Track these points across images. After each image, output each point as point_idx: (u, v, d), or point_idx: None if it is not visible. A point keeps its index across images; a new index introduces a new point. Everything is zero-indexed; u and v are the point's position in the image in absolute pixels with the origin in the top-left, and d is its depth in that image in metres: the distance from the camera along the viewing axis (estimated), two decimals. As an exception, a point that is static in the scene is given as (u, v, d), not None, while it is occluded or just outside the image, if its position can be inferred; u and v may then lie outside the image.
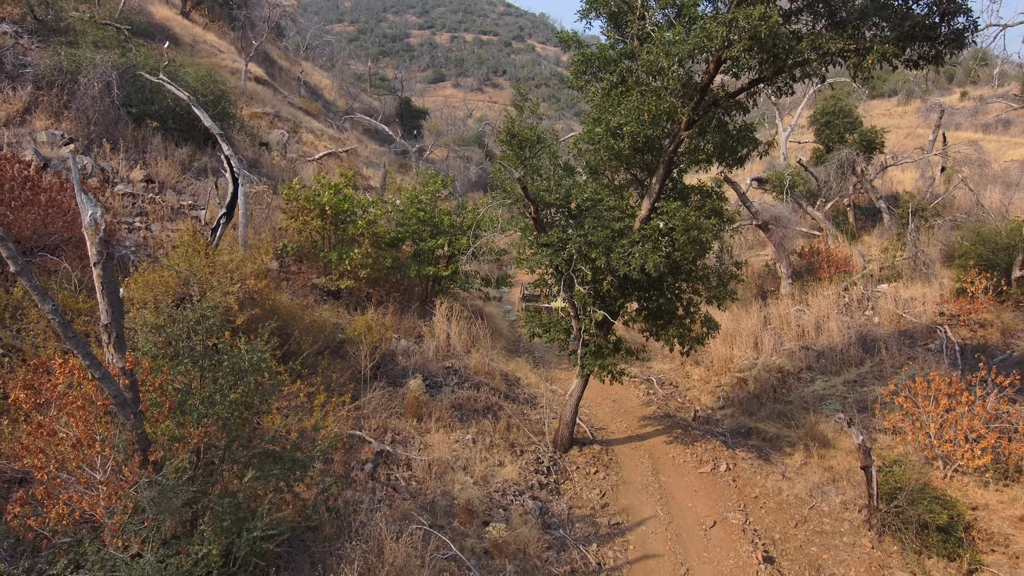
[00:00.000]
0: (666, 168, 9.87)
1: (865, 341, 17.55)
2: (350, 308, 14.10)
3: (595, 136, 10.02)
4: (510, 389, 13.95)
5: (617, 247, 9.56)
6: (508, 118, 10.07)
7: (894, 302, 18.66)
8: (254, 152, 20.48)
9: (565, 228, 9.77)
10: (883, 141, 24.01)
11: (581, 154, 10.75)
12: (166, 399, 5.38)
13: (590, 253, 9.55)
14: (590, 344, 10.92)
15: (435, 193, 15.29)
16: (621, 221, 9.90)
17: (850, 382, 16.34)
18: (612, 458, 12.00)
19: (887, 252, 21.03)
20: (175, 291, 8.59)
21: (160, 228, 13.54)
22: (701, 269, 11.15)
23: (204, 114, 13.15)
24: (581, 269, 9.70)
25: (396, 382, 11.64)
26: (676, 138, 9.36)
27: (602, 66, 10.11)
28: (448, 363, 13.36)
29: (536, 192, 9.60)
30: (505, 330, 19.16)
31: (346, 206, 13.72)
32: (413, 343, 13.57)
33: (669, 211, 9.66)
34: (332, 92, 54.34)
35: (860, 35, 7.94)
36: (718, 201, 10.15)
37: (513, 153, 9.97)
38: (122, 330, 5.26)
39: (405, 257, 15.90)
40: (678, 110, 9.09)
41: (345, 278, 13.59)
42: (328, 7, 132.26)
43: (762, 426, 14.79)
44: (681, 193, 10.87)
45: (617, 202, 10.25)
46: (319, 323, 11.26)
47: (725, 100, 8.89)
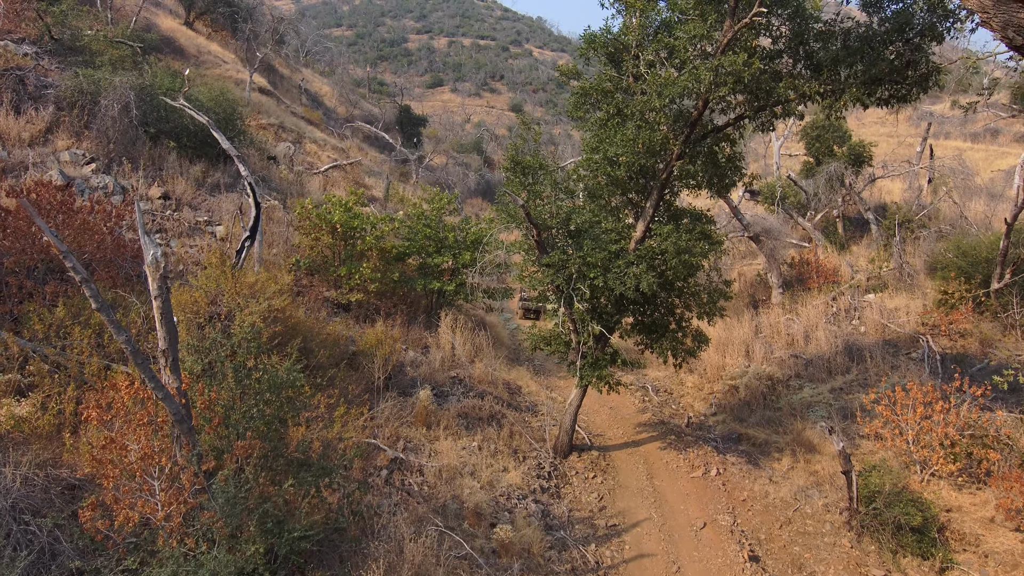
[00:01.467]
0: (659, 193, 10.62)
1: (851, 350, 18.32)
2: (360, 320, 14.80)
3: (594, 163, 10.76)
4: (512, 397, 14.67)
5: (614, 267, 10.30)
6: (512, 145, 10.81)
7: (879, 312, 19.44)
8: (263, 166, 21.19)
9: (565, 249, 10.50)
10: (871, 155, 24.81)
11: (580, 179, 11.50)
12: (215, 415, 6.08)
13: (588, 273, 10.27)
14: (588, 356, 11.64)
15: (440, 210, 16.01)
16: (618, 243, 10.63)
17: (836, 389, 17.10)
18: (609, 463, 12.73)
19: (874, 263, 21.82)
20: (205, 310, 9.29)
21: (179, 244, 14.23)
22: (692, 286, 11.90)
23: (222, 137, 13.84)
24: (580, 288, 10.42)
25: (406, 392, 12.35)
26: (669, 166, 10.11)
27: (600, 98, 10.85)
28: (454, 373, 14.07)
29: (538, 216, 10.33)
30: (506, 339, 19.88)
31: (356, 223, 14.43)
32: (420, 354, 14.28)
33: (662, 234, 10.40)
34: (333, 99, 55.02)
35: (835, 77, 8.70)
36: (707, 225, 10.88)
37: (516, 179, 10.70)
38: (177, 354, 5.96)
39: (412, 270, 16.62)
40: (670, 141, 9.83)
41: (355, 292, 14.30)
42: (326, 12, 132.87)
43: (752, 432, 15.54)
44: (673, 215, 11.61)
45: (614, 224, 10.99)
46: (333, 336, 11.97)
47: (713, 133, 9.65)
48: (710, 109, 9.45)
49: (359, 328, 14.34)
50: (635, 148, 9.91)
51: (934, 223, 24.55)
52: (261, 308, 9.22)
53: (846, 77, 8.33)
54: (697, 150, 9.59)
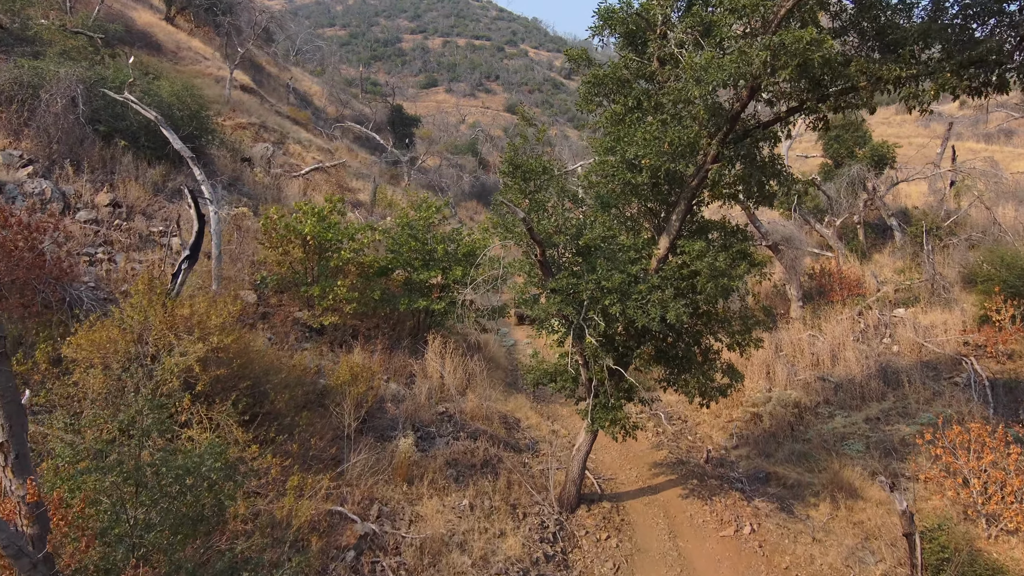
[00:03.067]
0: (688, 203, 8.78)
1: (886, 373, 16.52)
2: (335, 345, 12.92)
3: (608, 167, 8.91)
4: (510, 434, 12.80)
5: (634, 293, 8.46)
6: (511, 146, 8.95)
7: (914, 329, 17.66)
8: (235, 168, 19.29)
9: (575, 271, 8.65)
10: (895, 156, 23.06)
11: (592, 186, 9.65)
12: (83, 534, 4.20)
13: (603, 299, 8.43)
14: (601, 396, 9.80)
15: (428, 219, 14.14)
16: (637, 263, 8.78)
17: (872, 419, 15.29)
18: (624, 518, 10.86)
19: (903, 274, 20.03)
20: (125, 351, 7.41)
21: (125, 259, 12.33)
22: (722, 312, 10.07)
23: (174, 135, 11.98)
24: (593, 318, 8.58)
25: (385, 435, 10.47)
26: (701, 171, 8.26)
27: (615, 88, 9.01)
28: (442, 408, 12.20)
29: (543, 231, 8.48)
30: (502, 359, 18.02)
31: (330, 235, 12.56)
32: (403, 387, 12.40)
33: (691, 252, 8.56)
34: (322, 99, 53.13)
35: (915, 60, 6.88)
36: (744, 242, 9.05)
37: (516, 186, 8.85)
38: (25, 448, 4.08)
39: (396, 286, 14.75)
40: (704, 141, 7.99)
41: (329, 313, 12.42)
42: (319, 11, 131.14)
43: (781, 470, 13.71)
44: (701, 228, 9.77)
45: (632, 240, 9.13)
46: (298, 371, 10.09)
47: (758, 130, 7.81)
48: (756, 100, 7.63)
49: (333, 356, 12.46)
50: (660, 149, 8.06)
51: (962, 230, 22.84)
52: (195, 349, 7.33)
53: (938, 60, 6.53)
54: (738, 151, 7.76)
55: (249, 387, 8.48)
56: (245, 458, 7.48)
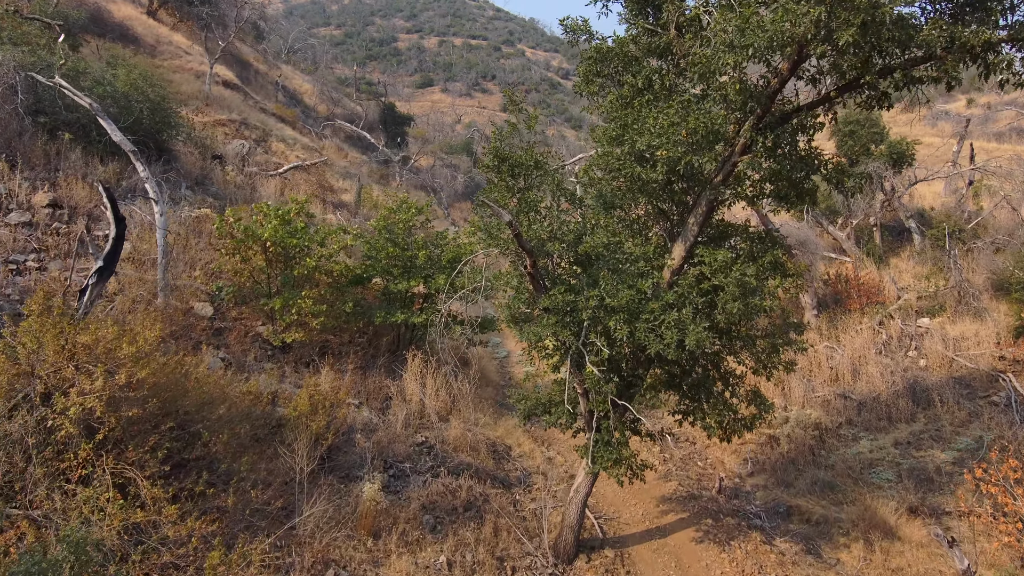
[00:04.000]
0: (709, 203, 7.28)
1: (914, 390, 15.03)
2: (300, 365, 11.40)
3: (614, 160, 7.41)
4: (499, 466, 11.29)
5: (645, 312, 6.96)
6: (496, 134, 7.44)
7: (942, 342, 16.20)
8: (204, 167, 17.75)
9: (572, 285, 7.14)
10: (914, 153, 21.61)
11: (593, 183, 8.14)
12: None
13: (607, 320, 6.94)
14: (603, 431, 8.30)
15: (408, 222, 12.63)
16: (647, 276, 7.27)
17: (902, 443, 13.81)
18: (630, 570, 9.35)
19: (929, 280, 18.55)
20: (5, 390, 5.88)
21: (60, 267, 10.80)
22: (744, 330, 8.57)
23: (112, 126, 10.49)
24: (595, 343, 7.07)
25: (351, 475, 8.95)
26: (728, 165, 6.77)
27: (622, 66, 7.51)
28: (421, 437, 10.69)
29: (534, 237, 6.97)
30: (494, 374, 16.51)
31: (294, 241, 11.03)
32: (377, 413, 10.89)
33: (714, 263, 7.07)
34: (313, 97, 51.70)
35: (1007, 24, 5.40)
36: (775, 250, 7.55)
37: (502, 183, 7.34)
38: None
39: (375, 296, 13.25)
40: (731, 128, 6.49)
41: (292, 329, 10.90)
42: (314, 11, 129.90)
43: (804, 503, 12.22)
44: (722, 234, 8.28)
45: (641, 248, 7.63)
46: (247, 401, 8.56)
47: (803, 112, 6.32)
48: (797, 76, 6.16)
49: (297, 378, 10.95)
50: (677, 137, 6.56)
51: (985, 232, 21.40)
52: (94, 388, 5.81)
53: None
54: (775, 140, 6.28)
55: (176, 427, 6.97)
56: (160, 522, 5.99)
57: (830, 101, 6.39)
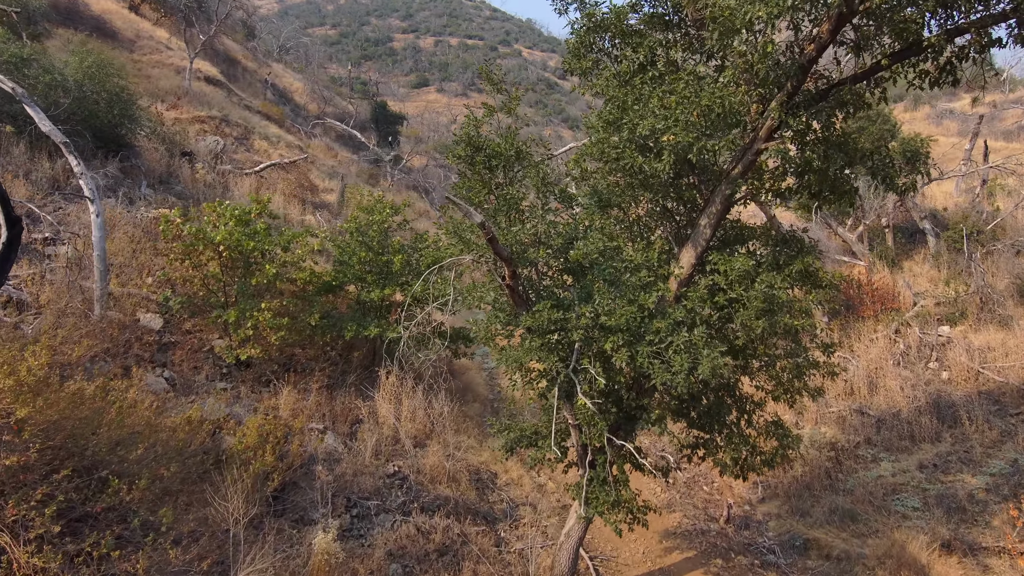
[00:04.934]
0: (725, 202, 6.05)
1: (939, 406, 13.81)
2: (259, 384, 10.16)
3: (609, 150, 6.18)
4: (482, 497, 10.05)
5: (649, 333, 5.73)
6: (469, 119, 6.21)
7: (966, 352, 15.00)
8: (171, 164, 16.48)
9: (561, 301, 5.91)
10: (928, 151, 20.41)
11: (585, 177, 6.91)
12: None
13: (603, 343, 5.70)
14: (598, 468, 7.08)
15: (382, 223, 11.39)
16: (651, 288, 6.03)
17: (928, 466, 12.58)
18: (630, 625, 8.13)
19: (949, 285, 17.35)
20: None
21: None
22: (764, 349, 7.34)
23: (40, 115, 9.26)
24: (588, 370, 5.84)
25: (305, 518, 7.71)
26: (749, 154, 5.55)
27: (621, 37, 6.28)
28: (393, 467, 9.45)
29: (513, 242, 5.74)
30: (481, 387, 15.28)
31: (252, 244, 9.79)
32: (345, 439, 9.64)
33: (730, 273, 5.84)
34: (304, 96, 50.53)
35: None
36: (805, 256, 6.33)
37: (476, 177, 6.10)
38: None
39: (348, 305, 12.01)
40: (755, 107, 5.26)
41: (249, 345, 9.65)
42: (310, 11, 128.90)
43: (822, 536, 11.01)
44: (738, 236, 7.05)
45: (643, 254, 6.39)
46: (182, 433, 7.31)
47: (842, 89, 5.09)
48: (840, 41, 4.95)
49: (255, 399, 9.71)
50: (686, 119, 5.34)
51: (1005, 234, 20.24)
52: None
53: None
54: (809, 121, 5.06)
55: (82, 472, 5.73)
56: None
57: (878, 73, 5.17)
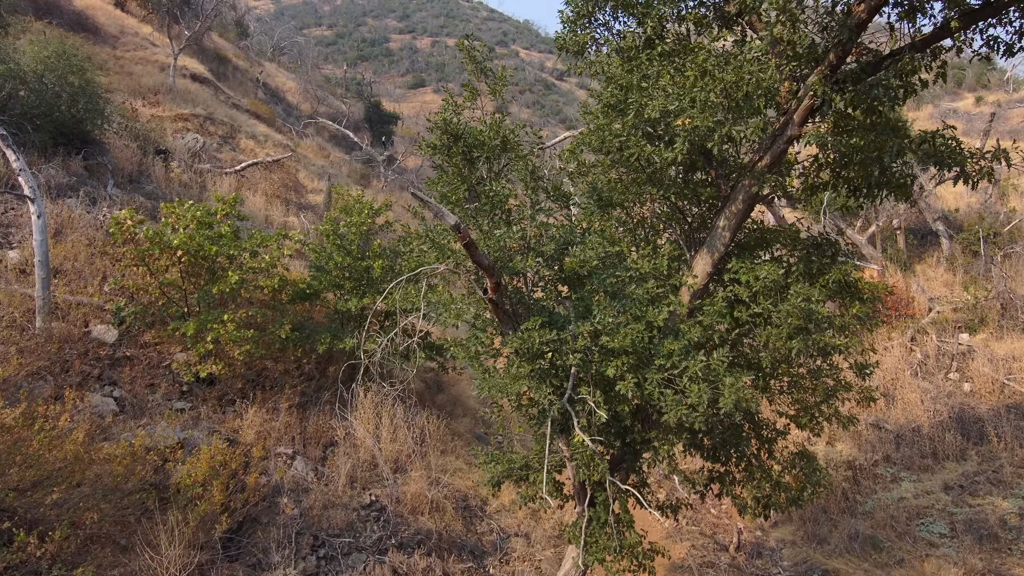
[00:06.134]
0: (749, 199, 5.10)
1: (962, 421, 12.88)
2: (224, 402, 9.19)
3: (611, 138, 5.23)
4: (469, 528, 9.09)
5: (659, 356, 4.78)
6: (447, 103, 5.26)
7: (989, 362, 14.08)
8: (143, 162, 15.51)
9: (554, 317, 4.96)
10: (942, 149, 19.43)
11: (583, 171, 5.96)
12: None
13: (605, 368, 4.75)
14: (598, 505, 6.13)
15: (360, 226, 10.44)
16: (660, 303, 5.08)
17: (954, 487, 11.65)
18: None
19: (968, 290, 16.43)
20: None
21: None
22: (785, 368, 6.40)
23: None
24: (586, 398, 4.90)
25: (263, 562, 6.74)
26: (780, 141, 4.60)
27: (624, 7, 5.34)
28: (370, 495, 8.48)
29: (496, 248, 4.79)
30: (471, 400, 14.31)
31: (214, 249, 8.82)
32: (316, 464, 8.67)
33: (754, 283, 4.90)
34: (297, 95, 49.64)
35: None
36: (841, 263, 5.39)
37: (454, 171, 5.15)
38: None
39: (328, 313, 11.07)
40: (785, 85, 4.32)
41: (210, 360, 8.68)
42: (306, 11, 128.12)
43: (842, 566, 10.07)
44: (760, 240, 6.10)
45: (651, 262, 5.43)
46: (122, 467, 6.34)
47: (900, 58, 4.16)
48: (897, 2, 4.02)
49: (217, 420, 8.74)
50: (707, 100, 4.39)
51: (1020, 236, 19.33)
52: None
53: None
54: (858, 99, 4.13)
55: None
56: None
57: (943, 39, 4.23)
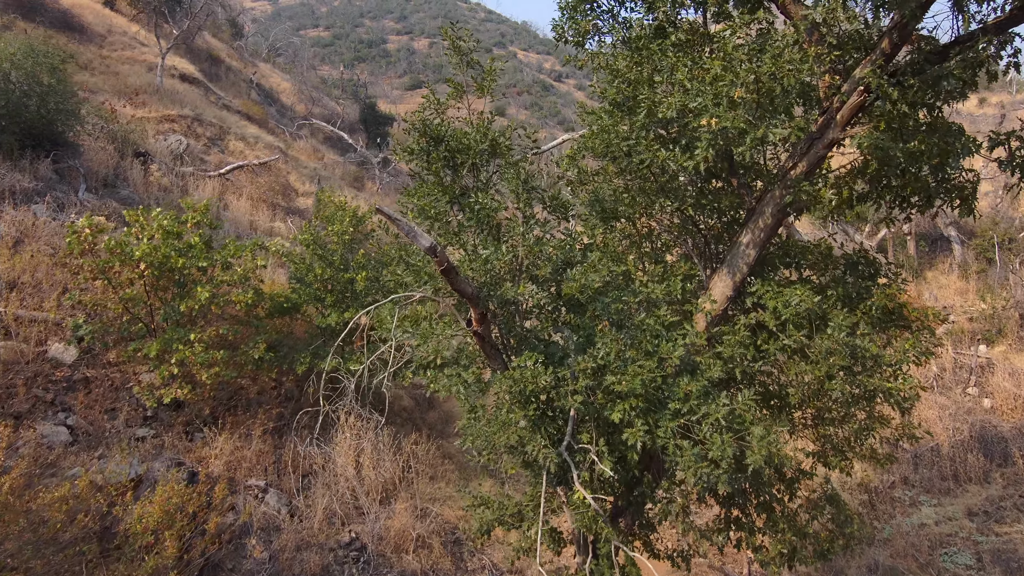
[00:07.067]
0: (779, 212, 4.37)
1: (985, 440, 12.17)
2: (193, 428, 8.43)
3: (617, 142, 4.49)
4: (458, 566, 8.34)
5: (674, 398, 4.04)
6: (427, 100, 4.52)
7: (1010, 376, 13.37)
8: (120, 165, 14.74)
9: (550, 350, 4.22)
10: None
11: (583, 180, 5.22)
12: None
13: (610, 413, 4.01)
14: (600, 557, 5.39)
15: (343, 235, 9.70)
16: (673, 332, 4.34)
17: (978, 513, 10.93)
18: None
19: (985, 300, 15.74)
20: None
21: None
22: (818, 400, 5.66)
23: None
24: (587, 448, 4.17)
25: (224, 618, 5.98)
26: (819, 145, 3.87)
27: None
28: (350, 532, 7.74)
29: (481, 272, 4.04)
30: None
31: (182, 261, 8.07)
32: (291, 499, 7.91)
33: (783, 311, 4.17)
34: (291, 96, 48.96)
35: None
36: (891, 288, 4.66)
37: (434, 180, 4.41)
38: None
39: (309, 328, 10.32)
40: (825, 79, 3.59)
41: (175, 385, 7.92)
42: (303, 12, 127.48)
43: (863, 603, 9.34)
44: (785, 255, 5.36)
45: (663, 284, 4.69)
46: (62, 512, 5.58)
47: (975, 44, 3.43)
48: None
49: (184, 448, 7.98)
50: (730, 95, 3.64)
51: (1036, 242, 18.66)
52: None
53: None
54: (921, 92, 3.41)
55: None
56: None
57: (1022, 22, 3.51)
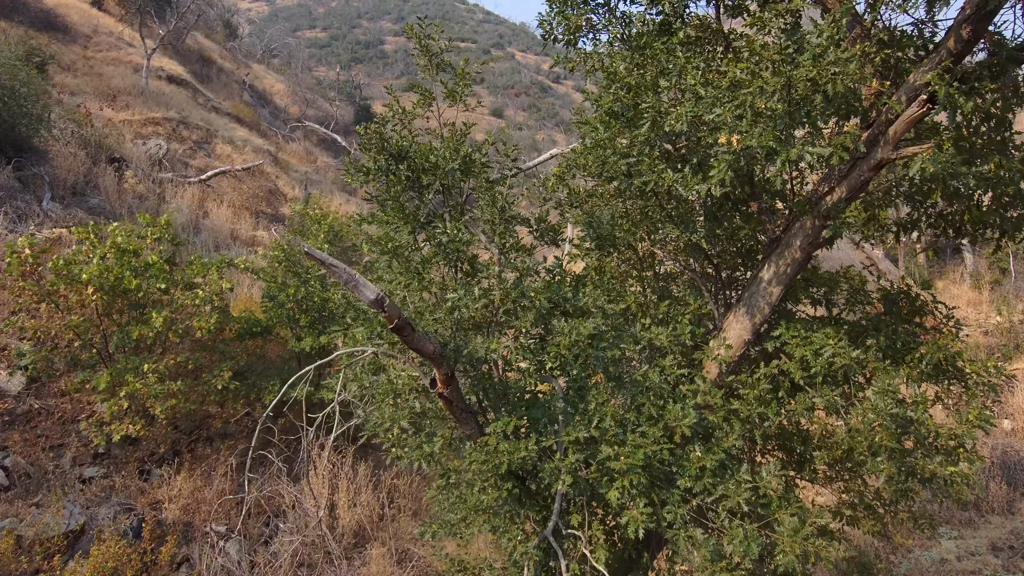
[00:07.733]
0: (810, 245, 3.61)
1: (1008, 467, 11.42)
2: (151, 465, 7.67)
3: (614, 159, 3.72)
4: (442, 619, 7.57)
5: (685, 474, 3.28)
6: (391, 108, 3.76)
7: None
8: (91, 172, 13.97)
9: (533, 414, 3.45)
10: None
11: (575, 202, 4.45)
12: None
13: (607, 491, 3.24)
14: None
15: (319, 248, 8.95)
16: (687, 397, 3.57)
17: (1003, 548, 10.19)
18: None
19: (1002, 313, 15.01)
20: None
21: None
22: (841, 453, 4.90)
23: None
24: (577, 535, 3.39)
25: None
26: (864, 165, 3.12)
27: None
28: (320, 585, 6.97)
29: (447, 324, 3.27)
30: (456, 438, 12.77)
31: (136, 283, 7.31)
32: (255, 546, 7.14)
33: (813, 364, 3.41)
34: (285, 98, 48.24)
35: None
36: (944, 339, 3.92)
37: (393, 205, 3.64)
38: None
39: (282, 353, 9.58)
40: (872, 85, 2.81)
41: (127, 420, 7.16)
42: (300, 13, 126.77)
43: (883, 650, 8.58)
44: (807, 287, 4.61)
45: (671, 327, 3.92)
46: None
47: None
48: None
49: (136, 489, 7.21)
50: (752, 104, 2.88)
51: (1051, 250, 17.93)
52: None
53: None
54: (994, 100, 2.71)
55: None
56: None
57: None
